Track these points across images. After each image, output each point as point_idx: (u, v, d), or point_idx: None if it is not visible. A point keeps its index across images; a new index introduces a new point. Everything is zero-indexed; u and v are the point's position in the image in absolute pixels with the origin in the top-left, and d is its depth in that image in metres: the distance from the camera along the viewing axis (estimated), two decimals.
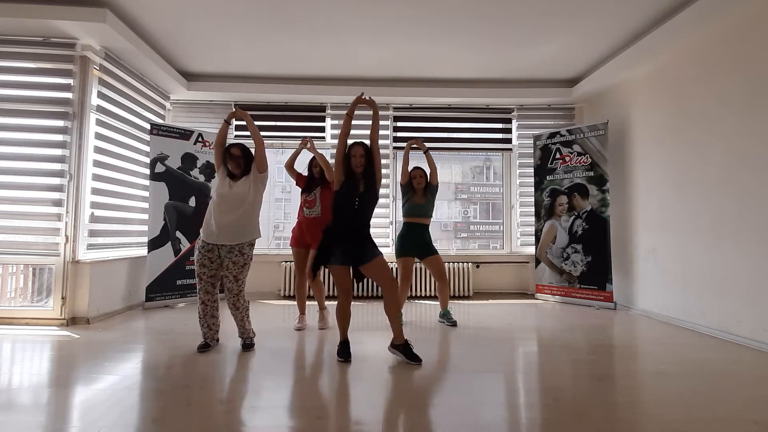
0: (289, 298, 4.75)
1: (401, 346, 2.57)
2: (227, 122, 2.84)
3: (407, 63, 4.41)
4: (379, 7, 3.31)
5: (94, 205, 3.65)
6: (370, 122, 2.72)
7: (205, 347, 2.72)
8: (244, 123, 5.11)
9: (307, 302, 3.58)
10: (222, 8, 3.36)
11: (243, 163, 2.76)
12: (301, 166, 3.61)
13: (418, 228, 3.51)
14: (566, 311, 4.15)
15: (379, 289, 4.78)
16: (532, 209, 5.03)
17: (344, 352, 2.58)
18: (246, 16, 3.48)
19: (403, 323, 3.56)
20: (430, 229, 3.60)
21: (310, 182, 3.48)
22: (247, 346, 2.80)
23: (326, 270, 4.57)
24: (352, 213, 2.56)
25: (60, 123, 3.49)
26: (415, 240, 3.49)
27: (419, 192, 3.52)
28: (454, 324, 3.49)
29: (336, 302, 2.65)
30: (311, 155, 3.48)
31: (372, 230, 5.45)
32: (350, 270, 2.60)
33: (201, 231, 2.75)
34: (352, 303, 2.71)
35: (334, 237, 2.57)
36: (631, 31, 3.65)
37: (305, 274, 3.45)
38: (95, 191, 3.65)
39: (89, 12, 3.22)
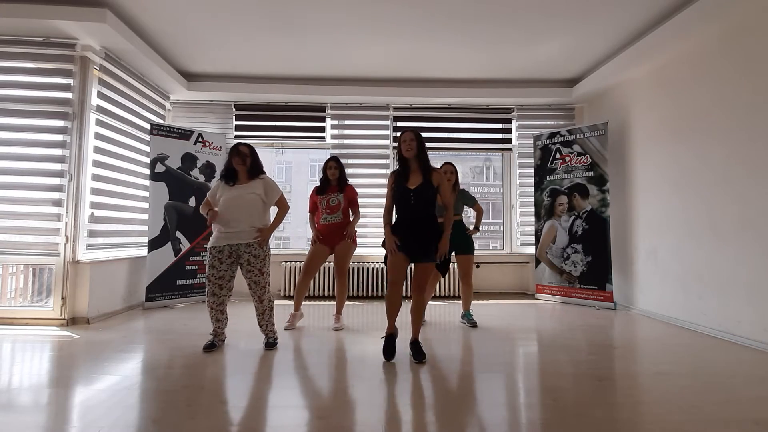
0: (290, 298, 4.73)
1: (413, 344, 2.64)
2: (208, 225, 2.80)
3: (407, 63, 4.41)
4: (379, 6, 3.31)
5: (94, 205, 3.65)
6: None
7: (210, 347, 2.73)
8: (243, 123, 5.12)
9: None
10: (222, 8, 3.36)
11: (249, 162, 2.79)
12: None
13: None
14: (566, 311, 4.15)
15: (379, 289, 4.83)
16: (532, 209, 5.03)
17: (388, 347, 2.59)
18: (246, 16, 3.48)
19: (424, 323, 3.53)
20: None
21: (324, 185, 3.48)
22: (270, 344, 2.81)
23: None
24: (410, 207, 2.58)
25: (60, 123, 3.49)
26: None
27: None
28: (474, 325, 3.47)
29: (353, 303, 2.64)
30: (326, 159, 3.51)
31: (368, 229, 5.40)
32: (408, 261, 2.60)
33: (211, 238, 2.77)
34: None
35: (400, 230, 2.59)
36: (631, 31, 3.66)
37: (310, 275, 3.40)
38: (95, 191, 3.65)
39: (89, 12, 3.22)
